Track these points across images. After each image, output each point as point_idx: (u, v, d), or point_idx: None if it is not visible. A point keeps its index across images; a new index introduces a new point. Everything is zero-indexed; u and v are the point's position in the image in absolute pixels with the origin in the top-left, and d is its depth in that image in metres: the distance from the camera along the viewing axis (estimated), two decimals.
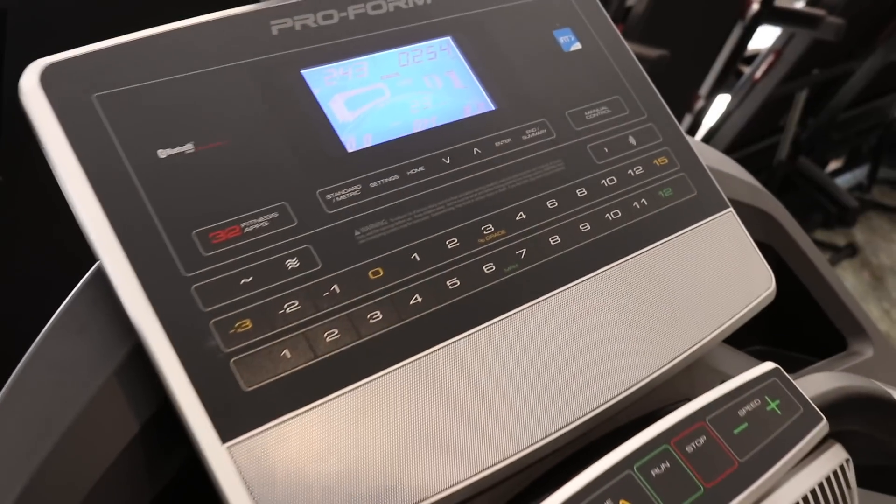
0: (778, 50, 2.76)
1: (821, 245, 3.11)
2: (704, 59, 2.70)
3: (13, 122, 1.18)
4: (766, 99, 2.82)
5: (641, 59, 1.02)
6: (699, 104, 2.76)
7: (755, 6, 2.60)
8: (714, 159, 0.84)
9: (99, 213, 0.53)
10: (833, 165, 3.58)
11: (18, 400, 0.52)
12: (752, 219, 0.81)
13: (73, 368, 0.53)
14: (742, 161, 0.99)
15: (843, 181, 3.52)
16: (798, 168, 3.17)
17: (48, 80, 0.55)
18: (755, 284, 0.73)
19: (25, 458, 0.49)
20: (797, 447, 0.61)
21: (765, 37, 2.85)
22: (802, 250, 0.84)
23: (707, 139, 2.91)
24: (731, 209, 0.75)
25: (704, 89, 2.77)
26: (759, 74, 2.81)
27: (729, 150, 2.84)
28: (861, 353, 0.84)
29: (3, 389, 0.53)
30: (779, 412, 0.62)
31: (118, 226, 0.53)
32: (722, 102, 2.94)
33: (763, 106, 2.85)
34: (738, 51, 2.71)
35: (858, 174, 3.60)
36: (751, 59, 2.99)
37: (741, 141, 2.94)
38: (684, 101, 2.71)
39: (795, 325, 0.87)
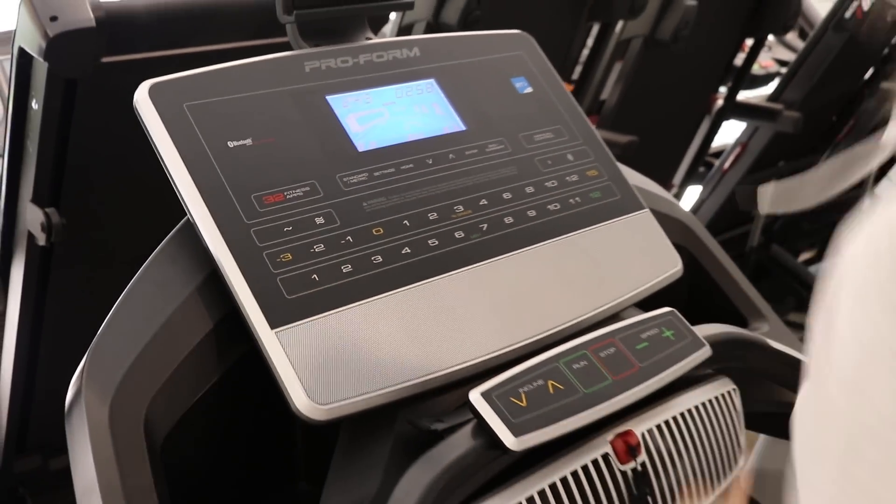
0: (744, 143, 3.06)
1: (794, 326, 3.34)
2: (675, 151, 3.00)
3: (76, 175, 1.45)
4: (733, 190, 3.10)
5: (612, 144, 1.29)
6: (672, 192, 3.05)
7: (720, 101, 2.91)
8: (642, 181, 1.10)
9: (189, 181, 0.79)
10: (806, 255, 3.85)
11: (132, 300, 0.76)
12: (671, 226, 1.06)
13: (161, 289, 0.78)
14: None
15: (816, 270, 3.78)
16: (771, 256, 3.44)
17: (154, 94, 0.81)
18: (665, 264, 0.98)
19: (138, 336, 0.74)
20: (684, 361, 0.84)
21: (732, 130, 3.15)
22: (711, 251, 1.10)
23: None
24: (647, 210, 1.01)
25: (677, 179, 3.06)
26: (727, 165, 3.10)
27: None
28: (758, 329, 1.08)
29: (117, 303, 0.77)
30: (672, 338, 0.86)
31: (203, 190, 0.78)
32: (693, 193, 3.22)
33: (733, 196, 3.13)
34: (706, 143, 3.01)
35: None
36: (721, 152, 3.29)
37: (713, 229, 3.21)
38: None
39: (706, 309, 1.10)
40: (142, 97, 0.81)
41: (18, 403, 1.85)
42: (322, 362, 0.75)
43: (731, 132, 3.17)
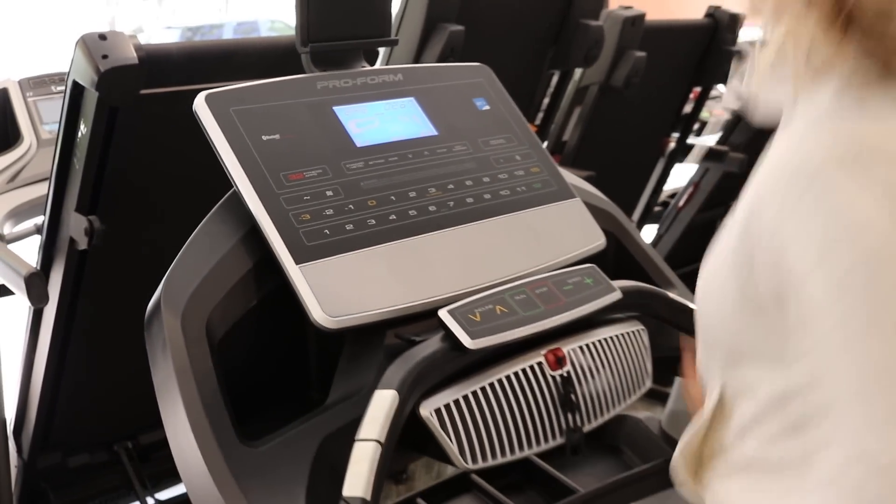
0: (696, 182, 3.40)
1: None
2: (633, 191, 3.34)
3: (112, 187, 1.75)
4: (688, 226, 3.44)
5: None
6: None
7: (672, 144, 3.26)
8: (579, 182, 1.42)
9: (236, 163, 1.10)
10: None
11: (193, 246, 1.07)
12: (599, 214, 1.37)
13: (215, 239, 1.09)
14: None
15: None
16: None
17: (209, 101, 1.13)
18: (591, 239, 1.30)
19: (199, 269, 1.04)
20: (600, 300, 1.15)
21: (687, 172, 3.50)
22: (630, 233, 1.41)
23: None
24: (578, 199, 1.32)
25: (635, 217, 3.39)
26: (681, 204, 3.44)
27: None
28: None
29: (183, 248, 1.08)
30: (591, 284, 1.17)
31: (246, 169, 1.10)
32: (651, 231, 3.55)
33: (687, 232, 3.47)
34: (660, 183, 3.35)
35: None
36: (675, 193, 3.64)
37: (670, 263, 3.54)
38: None
39: (627, 278, 1.41)
40: (199, 103, 1.13)
41: (47, 401, 2.12)
42: (332, 289, 1.05)
43: (685, 173, 3.51)
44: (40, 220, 2.15)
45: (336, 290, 1.06)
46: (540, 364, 1.10)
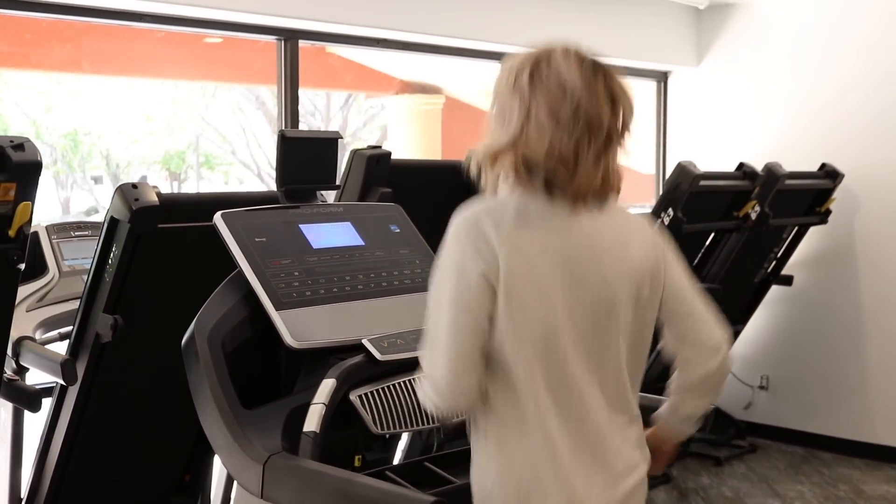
0: None
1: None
2: None
3: (131, 294, 2.48)
4: None
5: None
6: None
7: None
8: None
9: (240, 253, 1.88)
10: None
11: (214, 300, 1.82)
12: None
13: (226, 296, 1.84)
14: None
15: None
16: None
17: (224, 217, 1.92)
18: None
19: (217, 311, 1.79)
20: None
21: None
22: None
23: None
24: None
25: None
26: None
27: None
28: None
29: (208, 300, 1.83)
30: None
31: (246, 256, 1.87)
32: None
33: None
34: None
35: None
36: None
37: None
38: None
39: None
40: (218, 218, 1.91)
41: (59, 476, 2.76)
42: (297, 326, 1.81)
43: None
44: (62, 330, 2.88)
45: (300, 327, 1.81)
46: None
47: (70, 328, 2.83)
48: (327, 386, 1.71)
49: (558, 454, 1.51)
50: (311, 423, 1.64)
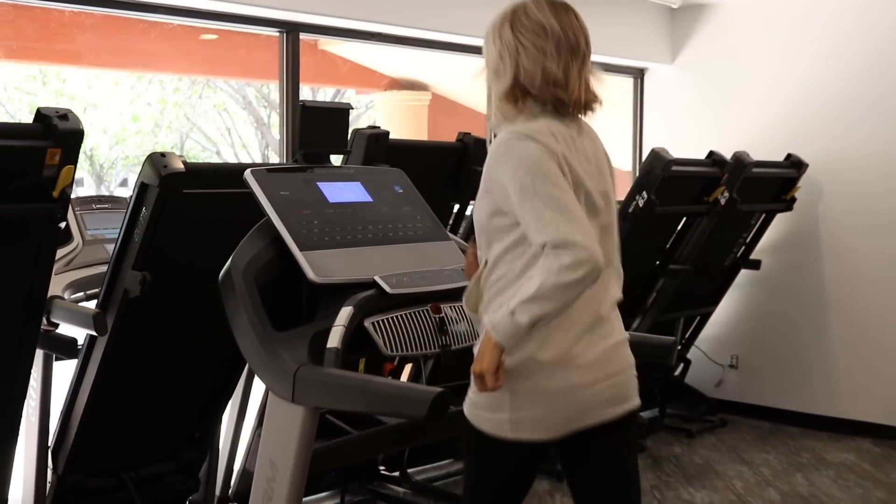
0: None
1: None
2: None
3: (157, 253, 2.79)
4: None
5: None
6: None
7: None
8: (454, 239, 2.53)
9: (268, 203, 2.20)
10: None
11: (246, 243, 2.14)
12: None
13: (256, 240, 2.16)
14: None
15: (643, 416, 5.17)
16: None
17: (253, 173, 2.24)
18: (457, 259, 2.40)
19: (250, 251, 2.11)
20: (461, 281, 2.25)
21: None
22: None
23: None
24: (452, 241, 2.44)
25: None
26: None
27: None
28: None
29: (240, 244, 2.15)
30: (457, 274, 2.27)
31: (273, 205, 2.19)
32: None
33: None
34: None
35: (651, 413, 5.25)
36: None
37: None
38: None
39: None
40: (248, 174, 2.23)
41: (84, 427, 3.05)
42: (318, 264, 2.13)
43: None
44: (89, 291, 3.19)
45: (320, 265, 2.13)
46: (427, 310, 2.17)
47: (95, 290, 3.14)
48: (346, 312, 2.03)
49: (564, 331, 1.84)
50: (334, 340, 1.96)
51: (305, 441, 1.96)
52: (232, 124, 11.98)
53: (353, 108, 2.54)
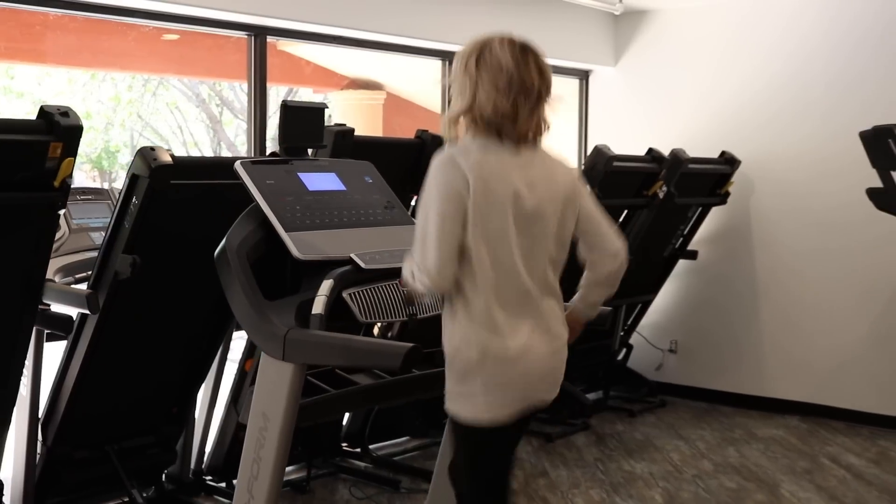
0: None
1: (568, 425, 5.08)
2: None
3: (145, 238, 3.11)
4: None
5: None
6: None
7: None
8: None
9: (256, 190, 2.54)
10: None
11: (237, 226, 2.48)
12: None
13: (246, 222, 2.51)
14: None
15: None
16: None
17: (242, 164, 2.58)
18: None
19: (241, 231, 2.46)
20: None
21: None
22: None
23: None
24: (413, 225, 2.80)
25: None
26: None
27: None
28: None
29: (233, 226, 2.49)
30: None
31: (261, 192, 2.54)
32: None
33: None
34: None
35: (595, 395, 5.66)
36: None
37: None
38: None
39: None
40: (238, 165, 2.57)
41: (73, 401, 3.36)
42: (301, 244, 2.47)
43: None
44: (78, 275, 3.49)
45: (303, 244, 2.48)
46: (397, 283, 2.52)
47: (82, 274, 3.45)
48: (328, 284, 2.38)
49: (499, 324, 2.19)
50: (318, 307, 2.31)
51: (294, 395, 2.31)
52: (184, 122, 12.21)
53: (327, 107, 2.89)
